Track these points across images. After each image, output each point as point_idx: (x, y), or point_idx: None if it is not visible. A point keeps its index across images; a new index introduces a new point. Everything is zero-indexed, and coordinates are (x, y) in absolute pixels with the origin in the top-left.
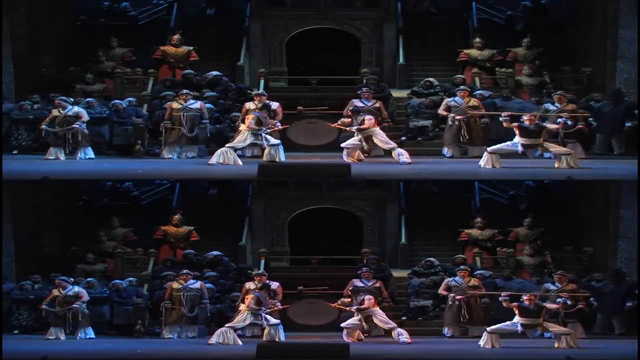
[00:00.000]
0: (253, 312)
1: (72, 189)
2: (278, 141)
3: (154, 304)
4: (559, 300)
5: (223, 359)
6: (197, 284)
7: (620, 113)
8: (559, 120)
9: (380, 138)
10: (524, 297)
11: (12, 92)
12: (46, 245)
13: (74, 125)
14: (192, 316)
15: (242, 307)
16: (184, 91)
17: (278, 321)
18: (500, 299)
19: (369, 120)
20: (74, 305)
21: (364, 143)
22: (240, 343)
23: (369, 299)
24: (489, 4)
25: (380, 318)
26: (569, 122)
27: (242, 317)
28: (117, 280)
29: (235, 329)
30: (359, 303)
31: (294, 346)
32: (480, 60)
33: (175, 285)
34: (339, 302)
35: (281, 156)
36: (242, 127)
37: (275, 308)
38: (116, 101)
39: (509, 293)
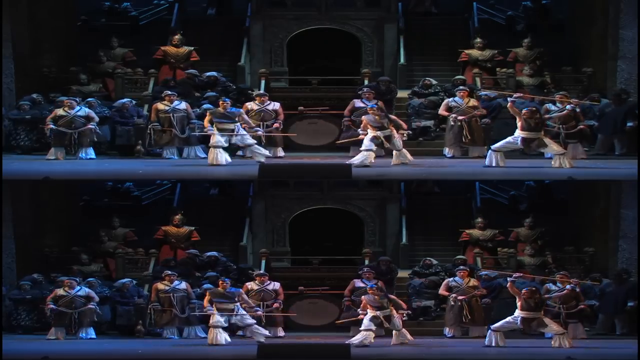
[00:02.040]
0: (226, 311)
1: (73, 189)
2: (253, 141)
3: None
4: (567, 286)
5: (223, 359)
6: (183, 284)
7: (622, 113)
8: (567, 107)
9: (401, 138)
10: (524, 290)
11: (12, 92)
12: (47, 246)
13: (90, 126)
14: (184, 317)
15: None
16: (168, 92)
17: (253, 321)
18: (509, 279)
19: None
20: (90, 306)
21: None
22: (224, 342)
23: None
24: (489, 4)
25: (400, 319)
26: (577, 109)
27: (217, 316)
28: (124, 280)
29: (222, 328)
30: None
31: (295, 346)
32: (481, 61)
33: (160, 286)
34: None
35: (259, 156)
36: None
37: (276, 306)
38: (124, 100)
39: (521, 274)
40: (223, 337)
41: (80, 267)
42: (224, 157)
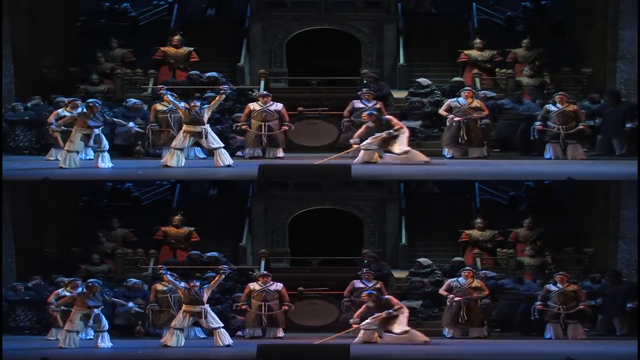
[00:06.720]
0: (192, 314)
1: (73, 190)
2: (220, 144)
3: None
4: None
5: (223, 359)
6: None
7: (621, 113)
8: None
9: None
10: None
11: (12, 93)
12: (47, 246)
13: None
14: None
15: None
16: (164, 91)
17: (220, 324)
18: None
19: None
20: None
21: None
22: (177, 345)
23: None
24: (489, 4)
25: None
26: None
27: (181, 318)
28: (135, 280)
29: (180, 329)
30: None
31: (295, 347)
32: (481, 61)
33: (159, 287)
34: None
35: (224, 160)
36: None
37: (286, 309)
38: (136, 100)
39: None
40: (179, 340)
41: (89, 267)
42: (181, 160)
